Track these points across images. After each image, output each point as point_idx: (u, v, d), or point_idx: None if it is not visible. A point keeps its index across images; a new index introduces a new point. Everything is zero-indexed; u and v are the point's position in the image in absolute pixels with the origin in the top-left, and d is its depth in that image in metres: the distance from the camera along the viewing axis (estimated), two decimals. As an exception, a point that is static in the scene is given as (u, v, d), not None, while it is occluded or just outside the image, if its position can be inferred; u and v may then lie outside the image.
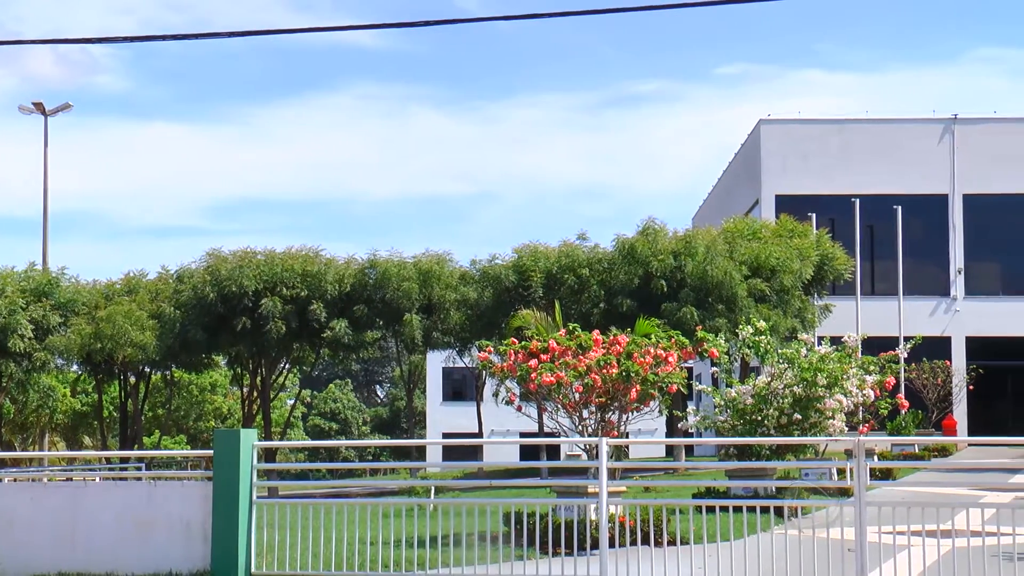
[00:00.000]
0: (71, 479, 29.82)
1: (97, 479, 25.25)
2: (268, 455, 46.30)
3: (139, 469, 38.98)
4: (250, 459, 17.14)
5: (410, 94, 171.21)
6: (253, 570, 16.93)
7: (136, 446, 53.62)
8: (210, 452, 17.58)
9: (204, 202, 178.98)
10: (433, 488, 25.17)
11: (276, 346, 48.61)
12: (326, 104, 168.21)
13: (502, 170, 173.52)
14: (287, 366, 57.08)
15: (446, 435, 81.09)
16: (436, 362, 77.91)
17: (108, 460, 44.14)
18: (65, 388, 68.39)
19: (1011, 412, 56.67)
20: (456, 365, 61.18)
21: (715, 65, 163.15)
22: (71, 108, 60.21)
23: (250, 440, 17.29)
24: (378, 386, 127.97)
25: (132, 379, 53.79)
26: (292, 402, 78.37)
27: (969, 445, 46.56)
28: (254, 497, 17.17)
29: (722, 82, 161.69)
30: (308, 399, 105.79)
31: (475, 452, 71.33)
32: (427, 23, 19.18)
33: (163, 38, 18.30)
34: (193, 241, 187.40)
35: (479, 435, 57.40)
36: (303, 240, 78.09)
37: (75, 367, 56.10)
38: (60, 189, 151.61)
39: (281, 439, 58.98)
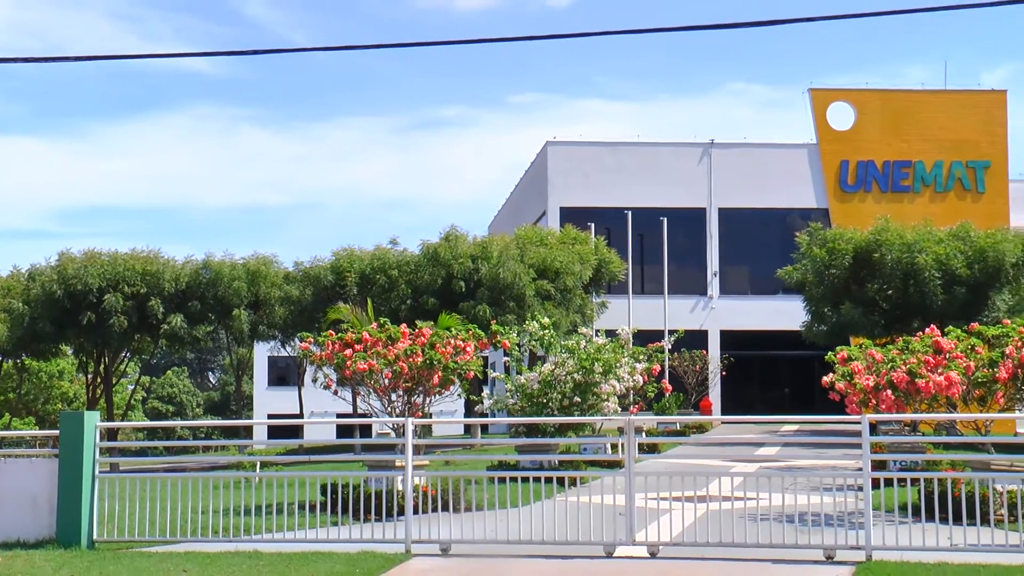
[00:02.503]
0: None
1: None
2: (110, 435, 45.40)
3: (-8, 448, 37.84)
4: (93, 438, 16.79)
5: (240, 115, 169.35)
6: (95, 537, 16.59)
7: (-12, 427, 52.18)
8: (57, 432, 17.18)
9: (55, 208, 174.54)
10: (259, 463, 24.85)
11: (118, 338, 47.61)
12: (166, 122, 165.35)
13: (322, 183, 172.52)
14: (128, 355, 55.94)
15: (271, 416, 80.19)
16: (262, 351, 77.05)
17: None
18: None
19: (757, 395, 57.94)
20: (280, 354, 60.54)
21: (508, 94, 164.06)
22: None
23: (93, 421, 16.94)
24: (210, 372, 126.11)
25: (-16, 366, 52.32)
26: (132, 387, 76.84)
27: (722, 423, 47.44)
28: (96, 472, 16.82)
29: (514, 109, 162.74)
30: (147, 384, 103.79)
31: (296, 431, 70.55)
32: (256, 52, 18.95)
33: (18, 60, 17.78)
34: (44, 243, 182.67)
35: (300, 416, 56.90)
36: (144, 243, 76.41)
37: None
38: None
39: (122, 420, 57.80)
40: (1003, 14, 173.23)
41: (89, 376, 53.56)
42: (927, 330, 21.64)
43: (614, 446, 27.12)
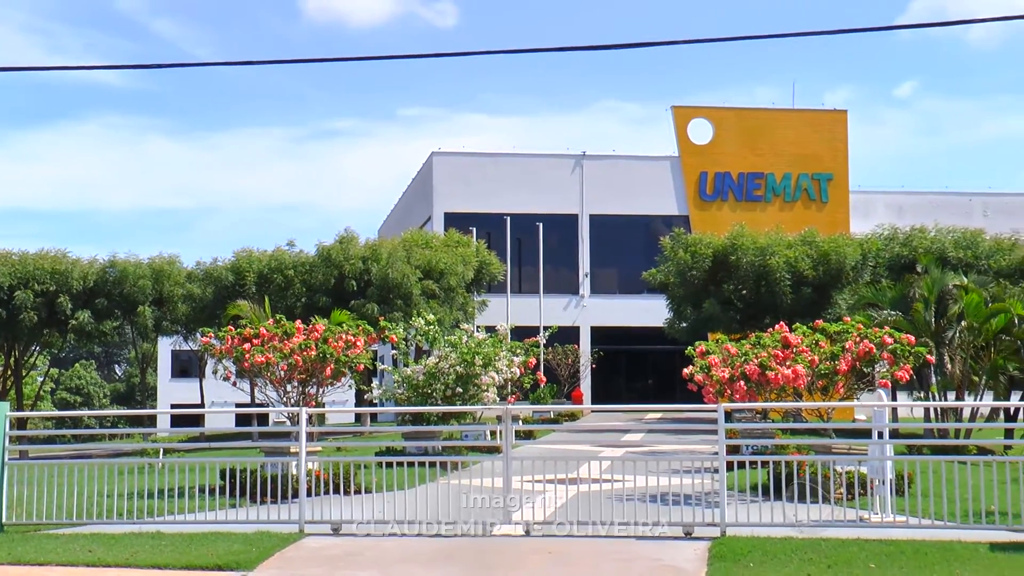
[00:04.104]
0: None
1: None
2: (20, 423, 44.36)
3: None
4: (3, 427, 16.42)
5: (146, 124, 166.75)
6: (4, 520, 16.24)
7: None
8: (-32, 421, 16.78)
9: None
10: (162, 450, 24.44)
11: (28, 332, 46.56)
12: (76, 131, 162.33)
13: (223, 188, 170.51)
14: (38, 349, 54.75)
15: (174, 406, 79.01)
16: (166, 345, 75.99)
17: None
18: None
19: (624, 385, 58.40)
20: (183, 348, 59.57)
21: (398, 107, 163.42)
22: None
23: (3, 411, 16.57)
24: (117, 365, 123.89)
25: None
26: (42, 379, 75.15)
27: (592, 412, 47.69)
28: (6, 459, 16.47)
29: (403, 121, 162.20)
30: (56, 376, 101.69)
31: (198, 420, 69.61)
32: (159, 65, 18.70)
33: (-70, 71, 17.34)
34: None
35: (201, 406, 56.10)
36: (54, 243, 74.88)
37: None
38: None
39: (31, 410, 56.53)
40: (843, 43, 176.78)
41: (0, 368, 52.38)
42: (777, 327, 22.00)
43: (493, 433, 27.13)
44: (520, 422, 33.20)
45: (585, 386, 55.38)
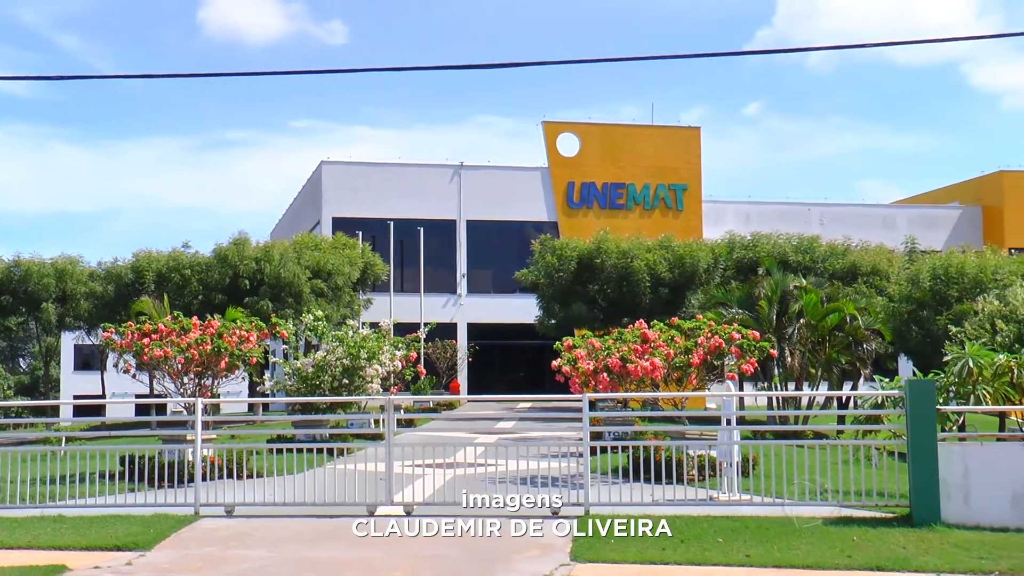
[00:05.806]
0: None
1: None
2: (-73, 414, 43.08)
3: None
4: (-90, 418, 15.92)
5: (51, 132, 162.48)
6: (-91, 507, 15.72)
7: None
8: None
9: None
10: (64, 438, 23.84)
11: (-66, 327, 45.35)
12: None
13: (125, 193, 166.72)
14: (-56, 343, 53.34)
15: (77, 397, 77.26)
16: (69, 340, 74.30)
17: None
18: None
19: (498, 377, 58.57)
20: (85, 342, 58.27)
21: (289, 119, 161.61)
22: None
23: (-90, 403, 16.06)
24: (21, 359, 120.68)
25: None
26: (-52, 372, 73.08)
27: (469, 401, 47.77)
28: (-87, 448, 15.94)
29: (294, 132, 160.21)
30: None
31: (99, 410, 68.23)
32: (64, 77, 18.28)
33: None
34: None
35: (103, 397, 54.97)
36: (-41, 244, 72.84)
37: None
38: None
39: (-62, 401, 54.96)
40: (697, 66, 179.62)
41: (-93, 362, 50.77)
42: (637, 323, 22.22)
43: (377, 421, 27.00)
44: (402, 411, 33.21)
45: (462, 378, 55.43)
